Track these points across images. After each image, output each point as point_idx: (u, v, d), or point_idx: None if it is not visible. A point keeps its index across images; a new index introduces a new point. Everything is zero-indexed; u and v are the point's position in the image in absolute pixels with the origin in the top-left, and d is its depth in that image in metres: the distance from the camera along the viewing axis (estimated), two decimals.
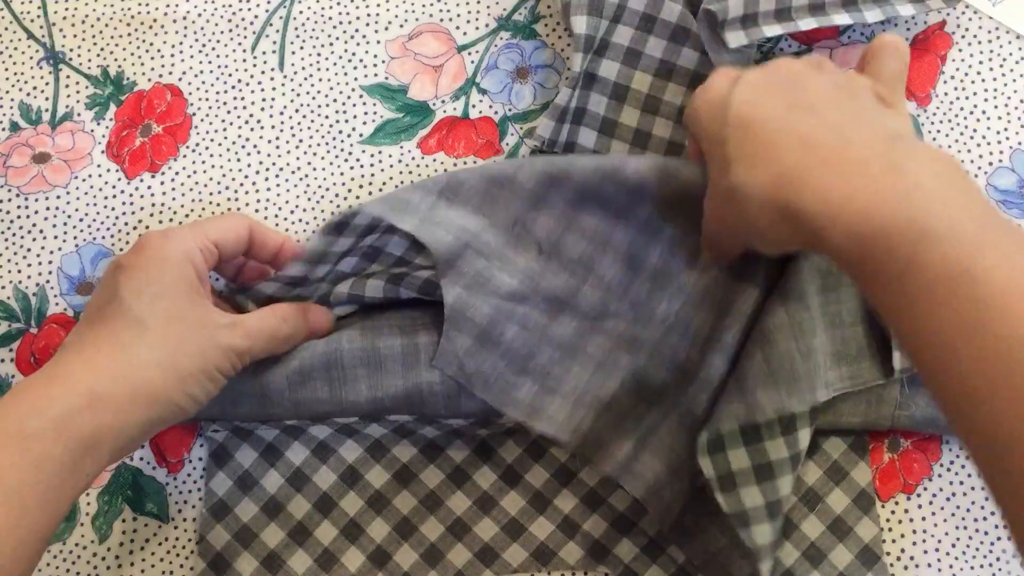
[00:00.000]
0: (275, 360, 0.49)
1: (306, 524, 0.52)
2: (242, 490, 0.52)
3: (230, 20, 0.59)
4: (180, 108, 0.58)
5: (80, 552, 0.52)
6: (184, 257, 0.46)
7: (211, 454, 0.52)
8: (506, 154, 0.57)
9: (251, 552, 0.52)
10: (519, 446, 0.53)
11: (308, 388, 0.49)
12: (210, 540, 0.52)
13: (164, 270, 0.45)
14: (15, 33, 0.59)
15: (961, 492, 0.53)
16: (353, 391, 0.50)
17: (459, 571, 0.52)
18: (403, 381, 0.50)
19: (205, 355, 0.45)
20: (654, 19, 0.54)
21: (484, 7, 0.59)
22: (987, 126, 0.57)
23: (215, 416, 0.50)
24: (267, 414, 0.50)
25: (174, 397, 0.44)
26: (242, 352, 0.46)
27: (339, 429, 0.52)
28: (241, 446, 0.52)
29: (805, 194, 0.39)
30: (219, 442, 0.52)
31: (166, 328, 0.44)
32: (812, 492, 0.52)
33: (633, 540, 0.52)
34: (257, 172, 0.57)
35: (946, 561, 0.52)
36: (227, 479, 0.52)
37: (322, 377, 0.49)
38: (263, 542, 0.52)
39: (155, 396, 0.43)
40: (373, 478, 0.52)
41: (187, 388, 0.44)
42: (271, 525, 0.52)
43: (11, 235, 0.56)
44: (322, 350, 0.49)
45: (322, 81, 0.58)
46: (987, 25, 0.58)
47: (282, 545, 0.52)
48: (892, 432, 0.53)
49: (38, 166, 0.57)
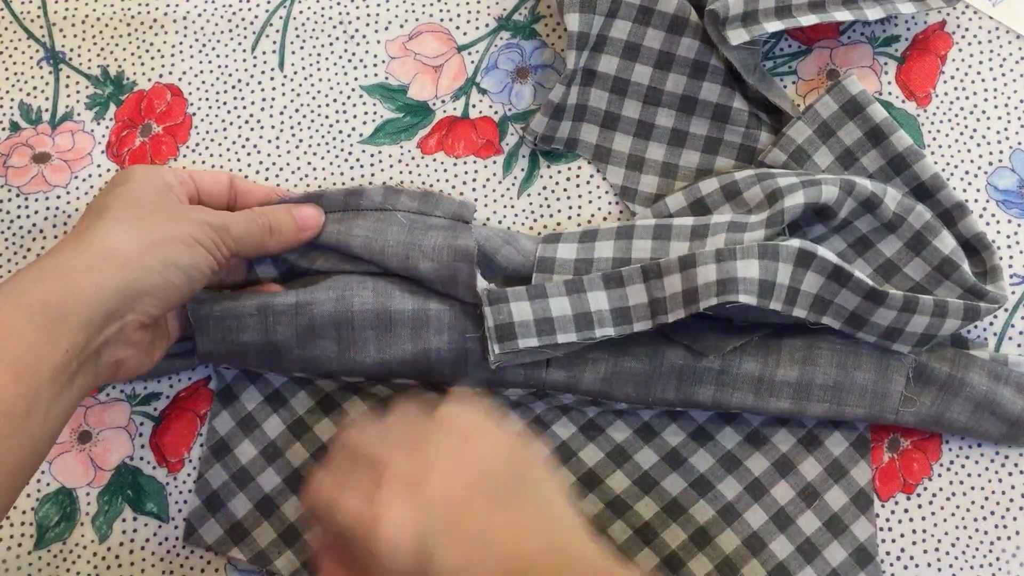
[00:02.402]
0: (285, 314, 0.49)
1: (302, 472, 0.52)
2: (243, 432, 0.53)
3: (230, 20, 0.59)
4: (180, 108, 0.58)
5: (80, 552, 0.52)
6: (153, 174, 0.47)
7: (218, 392, 0.53)
8: (506, 154, 0.57)
9: (246, 494, 0.52)
10: (683, 431, 0.53)
11: (318, 346, 0.50)
12: (208, 478, 0.52)
13: (128, 179, 0.47)
14: (15, 33, 0.59)
15: (961, 492, 0.53)
16: (362, 352, 0.50)
17: None
18: (411, 346, 0.50)
19: (176, 223, 0.45)
20: (651, 11, 0.54)
21: (484, 7, 0.59)
22: (987, 126, 0.57)
23: (224, 363, 0.51)
24: (276, 367, 0.51)
25: (146, 260, 0.43)
26: (217, 226, 0.46)
27: (346, 386, 0.53)
28: (248, 388, 0.53)
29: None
30: (227, 381, 0.53)
31: (129, 207, 0.45)
32: (811, 488, 0.52)
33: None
34: (257, 172, 0.57)
35: (946, 561, 0.52)
36: (230, 419, 0.53)
37: (331, 336, 0.50)
38: (259, 486, 0.52)
39: (124, 260, 0.43)
40: None
41: (162, 253, 0.44)
42: (268, 470, 0.52)
43: (11, 235, 0.56)
44: (332, 308, 0.50)
45: (322, 81, 0.58)
46: (987, 25, 0.58)
47: (277, 490, 0.52)
48: (892, 432, 0.53)
49: (38, 166, 0.57)
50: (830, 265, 0.48)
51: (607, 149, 0.57)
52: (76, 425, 0.54)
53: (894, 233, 0.53)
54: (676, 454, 0.53)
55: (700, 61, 0.55)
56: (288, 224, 0.50)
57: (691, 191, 0.54)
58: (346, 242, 0.51)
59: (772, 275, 0.48)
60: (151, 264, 0.43)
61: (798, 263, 0.48)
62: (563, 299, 0.49)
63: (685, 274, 0.48)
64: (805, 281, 0.49)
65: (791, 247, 0.48)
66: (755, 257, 0.48)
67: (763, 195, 0.51)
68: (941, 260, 0.52)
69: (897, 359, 0.51)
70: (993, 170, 0.56)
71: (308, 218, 0.51)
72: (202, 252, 0.45)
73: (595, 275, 0.50)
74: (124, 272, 0.43)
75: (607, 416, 0.54)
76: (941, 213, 0.53)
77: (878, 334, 0.50)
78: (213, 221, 0.46)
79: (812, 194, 0.50)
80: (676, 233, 0.51)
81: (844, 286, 0.49)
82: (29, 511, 0.53)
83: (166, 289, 0.44)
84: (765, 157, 0.55)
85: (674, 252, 0.50)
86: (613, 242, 0.51)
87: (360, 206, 0.52)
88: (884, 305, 0.49)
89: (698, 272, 0.47)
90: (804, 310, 0.49)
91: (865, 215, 0.52)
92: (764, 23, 0.54)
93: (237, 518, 0.52)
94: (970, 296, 0.51)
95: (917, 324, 0.50)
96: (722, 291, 0.47)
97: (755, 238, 0.49)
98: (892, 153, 0.53)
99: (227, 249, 0.47)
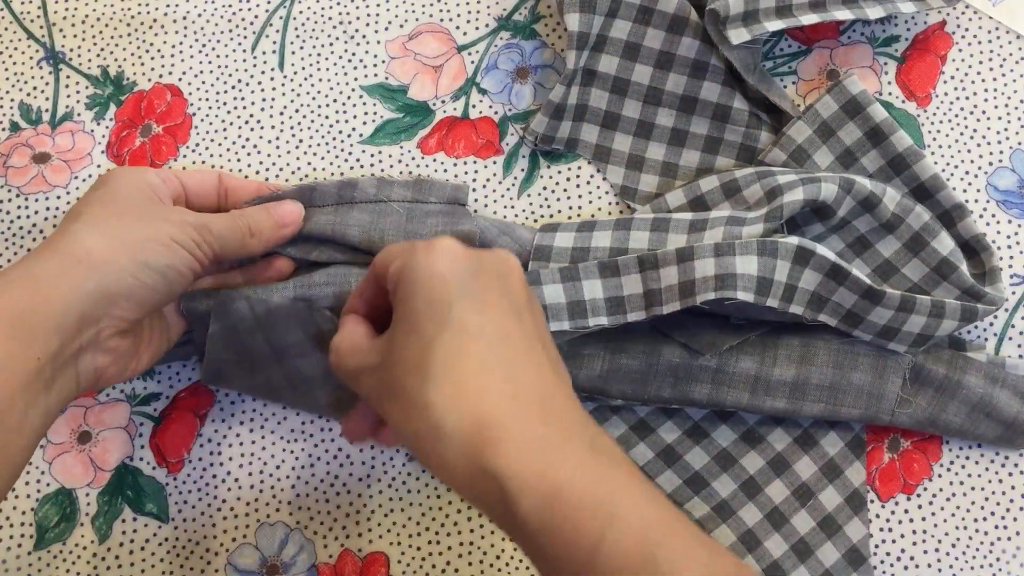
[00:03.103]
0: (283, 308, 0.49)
1: None
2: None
3: (230, 20, 0.59)
4: (180, 108, 0.58)
5: (80, 552, 0.52)
6: (136, 175, 0.46)
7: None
8: (506, 154, 0.57)
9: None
10: (679, 428, 0.53)
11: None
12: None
13: (109, 181, 0.46)
14: (15, 33, 0.59)
15: (961, 492, 0.53)
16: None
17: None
18: None
19: (155, 224, 0.44)
20: (651, 10, 0.54)
21: (484, 7, 0.59)
22: (987, 126, 0.57)
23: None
24: (274, 365, 0.51)
25: (120, 261, 0.42)
26: (198, 225, 0.45)
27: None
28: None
29: (500, 456, 0.36)
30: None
31: (105, 209, 0.43)
32: (805, 487, 0.52)
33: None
34: (257, 172, 0.57)
35: (946, 561, 0.52)
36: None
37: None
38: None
39: (96, 262, 0.41)
40: None
41: (138, 254, 0.43)
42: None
43: (11, 235, 0.56)
44: (331, 304, 0.50)
45: (322, 81, 0.58)
46: (987, 25, 0.58)
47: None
48: (893, 432, 0.53)
49: (38, 166, 0.57)
50: (828, 263, 0.48)
51: (607, 149, 0.57)
52: (76, 425, 0.54)
53: (892, 233, 0.53)
54: (671, 451, 0.53)
55: (700, 61, 0.55)
56: (267, 223, 0.49)
57: (691, 188, 0.54)
58: (343, 232, 0.51)
59: (770, 272, 0.48)
60: (125, 265, 0.42)
61: (796, 260, 0.48)
62: (557, 286, 0.49)
63: (682, 266, 0.48)
64: (803, 278, 0.49)
65: (790, 244, 0.48)
66: (754, 253, 0.47)
67: (763, 192, 0.51)
68: (939, 261, 0.52)
69: (894, 360, 0.51)
70: (993, 170, 0.56)
71: (287, 215, 0.50)
72: (181, 252, 0.44)
73: (591, 263, 0.50)
74: (96, 275, 0.41)
75: (603, 412, 0.54)
76: (940, 214, 0.53)
77: (874, 333, 0.50)
78: (194, 221, 0.45)
79: (811, 191, 0.50)
80: (674, 226, 0.51)
81: (842, 284, 0.49)
82: (29, 511, 0.53)
83: (141, 291, 0.43)
84: (765, 156, 0.55)
85: (672, 244, 0.50)
86: (611, 232, 0.51)
87: (354, 199, 0.52)
88: (881, 304, 0.49)
89: (696, 265, 0.47)
90: (801, 307, 0.49)
91: (864, 215, 0.52)
92: (765, 22, 0.54)
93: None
94: (968, 297, 0.51)
95: (914, 324, 0.50)
96: (720, 286, 0.47)
97: (753, 233, 0.49)
98: (892, 153, 0.53)
99: (209, 249, 0.46)
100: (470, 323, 0.38)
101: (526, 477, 0.36)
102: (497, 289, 0.40)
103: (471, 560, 0.53)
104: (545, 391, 0.38)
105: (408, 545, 0.53)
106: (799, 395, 0.51)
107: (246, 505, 0.53)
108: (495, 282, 0.40)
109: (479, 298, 0.39)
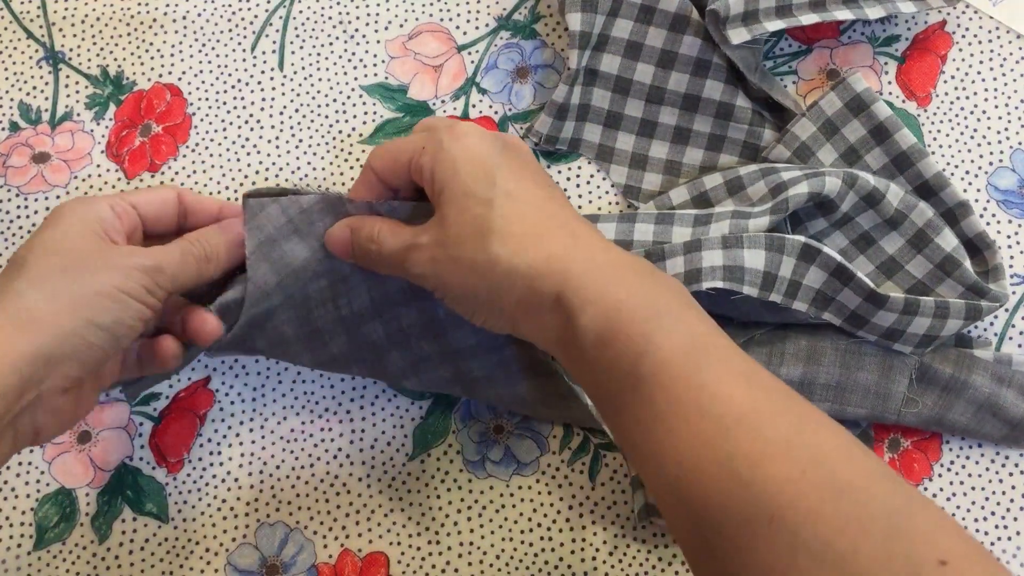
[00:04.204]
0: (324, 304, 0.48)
1: None
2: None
3: (230, 20, 0.59)
4: (180, 108, 0.58)
5: (80, 552, 0.52)
6: (87, 210, 0.43)
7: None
8: None
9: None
10: None
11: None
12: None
13: (58, 221, 0.43)
14: (15, 33, 0.59)
15: (961, 492, 0.53)
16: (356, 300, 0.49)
17: None
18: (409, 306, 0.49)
19: (101, 274, 0.41)
20: (653, 9, 0.54)
21: (484, 7, 0.59)
22: (987, 126, 0.57)
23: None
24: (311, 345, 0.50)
25: (65, 322, 0.40)
26: (150, 268, 0.43)
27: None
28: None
29: (570, 280, 0.41)
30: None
31: (49, 260, 0.41)
32: None
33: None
34: (257, 172, 0.57)
35: None
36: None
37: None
38: None
39: (39, 324, 0.39)
40: None
41: (82, 312, 0.40)
42: None
43: (11, 235, 0.56)
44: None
45: (322, 81, 0.58)
46: (987, 25, 0.58)
47: None
48: (893, 432, 0.53)
49: (38, 166, 0.57)
50: (834, 262, 0.48)
51: (611, 148, 0.57)
52: (76, 426, 0.54)
53: (896, 230, 0.53)
54: None
55: (702, 59, 0.55)
56: (221, 246, 0.46)
57: (695, 185, 0.54)
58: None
59: (776, 267, 0.48)
60: (70, 326, 0.40)
61: (802, 256, 0.48)
62: None
63: (689, 256, 0.48)
64: (807, 276, 0.49)
65: (796, 241, 0.48)
66: (762, 248, 0.48)
67: (767, 189, 0.51)
68: (943, 258, 0.52)
69: (901, 360, 0.51)
70: (993, 170, 0.56)
71: (237, 226, 0.47)
72: (131, 304, 0.42)
73: None
74: (39, 338, 0.39)
75: None
76: (944, 212, 0.53)
77: (879, 334, 0.50)
78: (144, 263, 0.43)
79: (816, 184, 0.50)
80: (679, 219, 0.51)
81: (846, 285, 0.49)
82: (28, 511, 0.53)
83: (86, 352, 0.41)
84: (769, 153, 0.55)
85: (677, 237, 0.50)
86: (615, 224, 0.51)
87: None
88: (885, 308, 0.49)
89: (703, 256, 0.48)
90: (805, 304, 0.49)
91: (867, 210, 0.52)
92: (765, 22, 0.54)
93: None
94: (971, 294, 0.51)
95: (919, 326, 0.50)
96: (728, 277, 0.47)
97: (759, 226, 0.49)
98: (896, 151, 0.53)
99: (163, 291, 0.43)
100: (513, 189, 0.43)
101: (588, 294, 0.41)
102: (520, 159, 0.45)
103: (471, 560, 0.53)
104: (595, 232, 0.43)
105: (408, 545, 0.53)
106: (806, 394, 0.51)
107: (246, 505, 0.53)
108: (518, 154, 0.45)
109: (512, 167, 0.44)
